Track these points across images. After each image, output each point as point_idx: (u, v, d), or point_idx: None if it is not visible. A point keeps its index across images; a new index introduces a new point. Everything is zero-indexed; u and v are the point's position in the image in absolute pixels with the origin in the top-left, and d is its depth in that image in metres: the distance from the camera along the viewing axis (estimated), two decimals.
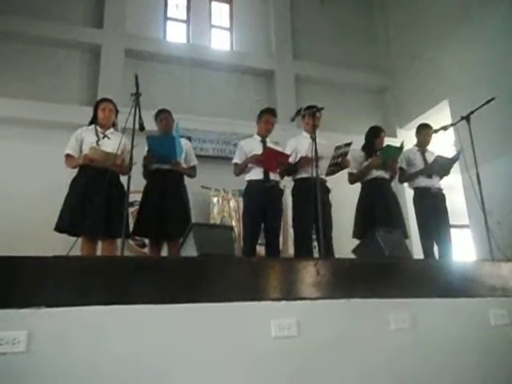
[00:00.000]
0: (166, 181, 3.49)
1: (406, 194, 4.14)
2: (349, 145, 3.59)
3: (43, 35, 5.64)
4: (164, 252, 3.57)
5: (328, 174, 3.74)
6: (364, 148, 4.03)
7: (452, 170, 4.14)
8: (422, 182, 4.02)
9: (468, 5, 5.58)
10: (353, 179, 4.00)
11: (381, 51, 7.33)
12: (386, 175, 3.94)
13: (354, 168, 3.96)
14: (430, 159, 4.04)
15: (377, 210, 3.76)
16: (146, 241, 4.47)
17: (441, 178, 4.10)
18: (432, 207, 3.95)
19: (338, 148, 3.59)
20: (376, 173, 3.89)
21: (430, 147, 4.22)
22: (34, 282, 1.78)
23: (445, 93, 5.84)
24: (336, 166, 3.69)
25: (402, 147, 3.85)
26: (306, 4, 7.17)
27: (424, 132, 4.20)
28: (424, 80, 6.30)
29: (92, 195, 3.02)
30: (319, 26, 7.08)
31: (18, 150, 4.94)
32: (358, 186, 4.10)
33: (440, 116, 5.71)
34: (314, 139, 3.18)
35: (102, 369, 1.72)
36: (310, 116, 3.54)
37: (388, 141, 4.21)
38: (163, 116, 3.68)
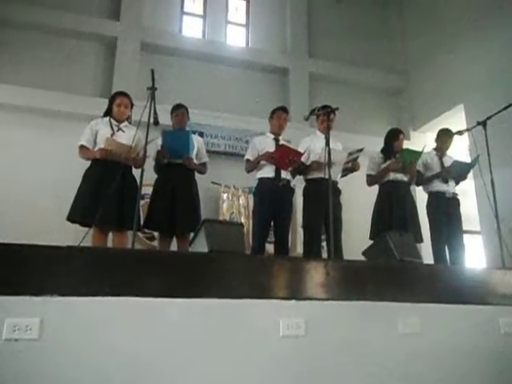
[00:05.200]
0: (178, 175, 3.50)
1: (418, 198, 4.11)
2: (360, 150, 3.63)
3: (60, 26, 5.66)
4: (173, 246, 3.59)
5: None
6: (383, 150, 4.02)
7: None
8: (437, 186, 4.00)
9: (486, 7, 5.50)
10: (371, 181, 4.00)
11: (396, 52, 7.26)
12: (405, 178, 3.93)
13: (372, 170, 3.96)
14: (448, 164, 4.02)
15: (393, 212, 3.76)
16: (156, 234, 4.50)
17: (457, 183, 4.08)
18: (446, 212, 3.92)
19: (350, 154, 3.63)
20: (395, 175, 3.88)
21: (448, 152, 4.20)
22: (48, 271, 1.80)
23: (460, 96, 5.77)
24: (347, 169, 3.74)
25: (421, 152, 3.83)
26: (323, 2, 7.12)
27: (444, 139, 4.17)
28: (439, 83, 6.24)
29: (105, 187, 3.04)
30: (335, 24, 7.03)
31: (32, 138, 4.99)
32: (368, 187, 4.08)
33: (455, 120, 5.65)
34: (327, 141, 3.16)
35: (111, 357, 1.74)
36: (325, 116, 3.53)
37: None
38: (180, 111, 3.69)
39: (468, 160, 4.38)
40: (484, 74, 5.43)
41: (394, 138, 4.01)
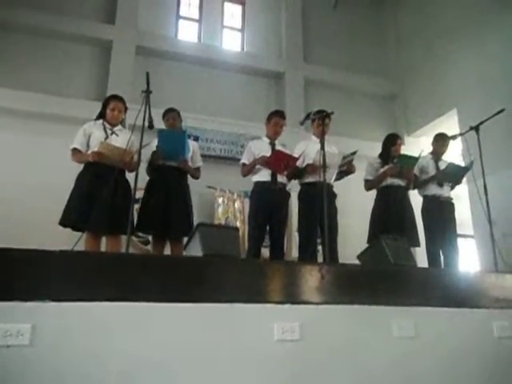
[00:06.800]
0: (171, 178, 3.46)
1: (413, 202, 4.12)
2: (354, 153, 3.65)
3: (55, 29, 5.67)
4: (167, 250, 3.57)
5: (334, 180, 3.77)
6: (381, 155, 4.05)
7: None
8: (432, 189, 4.03)
9: (479, 14, 5.56)
10: (369, 186, 4.02)
11: (391, 58, 7.32)
12: (402, 183, 3.95)
13: (370, 175, 3.99)
14: (443, 168, 4.05)
15: (390, 217, 3.78)
16: (150, 238, 4.48)
17: (452, 187, 4.11)
18: (441, 216, 3.95)
19: (344, 158, 3.66)
20: (392, 180, 3.90)
21: (443, 156, 4.23)
22: (40, 276, 1.78)
23: (453, 101, 5.83)
24: (342, 172, 3.75)
25: (418, 157, 3.85)
26: (318, 8, 7.18)
27: (441, 142, 4.20)
28: (433, 88, 6.29)
29: (98, 191, 3.01)
30: (331, 30, 7.09)
31: (26, 142, 4.96)
32: (363, 192, 4.10)
33: (448, 125, 5.69)
34: (322, 145, 3.17)
35: (104, 364, 1.72)
36: (320, 121, 3.54)
37: None
38: (170, 115, 3.66)
39: (461, 164, 4.41)
40: (477, 79, 5.48)
41: (391, 143, 4.04)
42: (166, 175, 3.47)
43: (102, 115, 3.43)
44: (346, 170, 3.71)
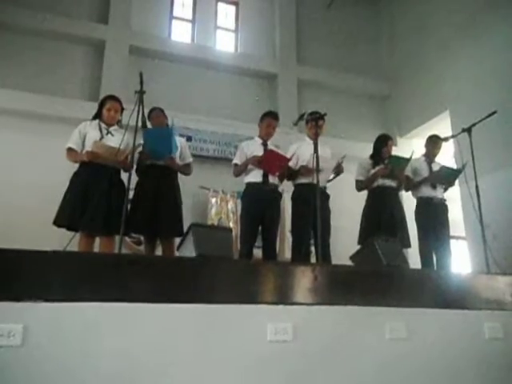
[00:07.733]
0: (161, 177, 3.42)
1: (406, 204, 4.15)
2: (343, 157, 3.71)
3: (48, 29, 5.63)
4: (159, 250, 3.55)
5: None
6: (372, 156, 4.07)
7: None
8: (426, 191, 4.05)
9: (473, 17, 5.61)
10: (360, 186, 4.04)
11: (384, 59, 7.36)
12: (393, 184, 3.97)
13: (361, 175, 4.00)
14: (436, 169, 4.08)
15: (381, 217, 3.80)
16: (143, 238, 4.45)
17: (445, 189, 4.14)
18: (433, 218, 3.97)
19: (337, 164, 3.70)
20: (383, 181, 3.92)
21: (436, 158, 4.26)
22: (32, 276, 1.78)
23: (446, 103, 5.86)
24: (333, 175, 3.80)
25: (409, 159, 3.88)
26: (312, 9, 7.20)
27: (434, 144, 4.23)
28: (426, 90, 6.33)
29: (93, 191, 3.00)
30: (324, 31, 7.11)
31: (19, 142, 4.93)
32: (356, 193, 4.12)
33: (441, 126, 5.73)
34: (316, 147, 3.18)
35: (96, 365, 1.71)
36: (313, 122, 3.55)
37: None
38: (155, 114, 3.62)
39: (454, 167, 4.45)
40: (470, 82, 5.52)
41: (382, 143, 4.06)
42: (155, 175, 3.42)
43: (98, 115, 3.42)
44: (337, 172, 3.75)
